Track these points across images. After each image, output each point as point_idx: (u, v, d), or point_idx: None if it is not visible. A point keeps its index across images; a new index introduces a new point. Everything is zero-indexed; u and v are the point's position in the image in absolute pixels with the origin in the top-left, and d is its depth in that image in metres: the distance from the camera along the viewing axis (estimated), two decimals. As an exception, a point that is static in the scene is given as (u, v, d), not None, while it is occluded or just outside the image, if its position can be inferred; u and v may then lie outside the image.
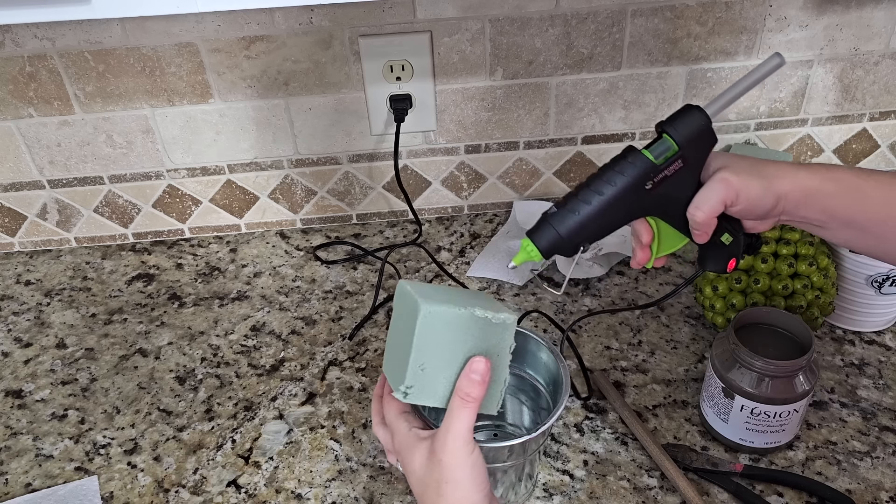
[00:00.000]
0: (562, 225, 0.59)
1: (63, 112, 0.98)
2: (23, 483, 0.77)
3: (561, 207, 0.59)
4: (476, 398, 0.53)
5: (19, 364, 0.92)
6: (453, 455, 0.52)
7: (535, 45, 0.97)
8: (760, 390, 0.70)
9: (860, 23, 0.98)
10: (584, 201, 0.58)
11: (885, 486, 0.72)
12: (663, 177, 0.58)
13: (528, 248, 0.60)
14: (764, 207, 0.59)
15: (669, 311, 0.93)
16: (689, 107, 0.59)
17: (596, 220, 0.59)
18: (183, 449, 0.80)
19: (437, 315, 0.53)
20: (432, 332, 0.53)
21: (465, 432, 0.53)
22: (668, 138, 0.58)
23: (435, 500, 0.53)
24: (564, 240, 0.59)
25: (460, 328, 0.54)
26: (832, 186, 0.59)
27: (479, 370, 0.54)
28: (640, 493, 0.72)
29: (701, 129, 0.58)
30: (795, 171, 0.59)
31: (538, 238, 0.60)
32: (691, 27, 0.97)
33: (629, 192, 0.58)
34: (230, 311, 0.98)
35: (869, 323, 0.88)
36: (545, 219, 0.60)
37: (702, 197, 0.59)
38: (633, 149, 0.59)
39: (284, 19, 0.93)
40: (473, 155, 1.07)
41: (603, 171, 0.59)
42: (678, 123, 0.58)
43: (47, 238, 1.10)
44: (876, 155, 1.11)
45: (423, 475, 0.54)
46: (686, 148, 0.58)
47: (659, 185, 0.58)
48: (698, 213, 0.59)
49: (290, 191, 1.08)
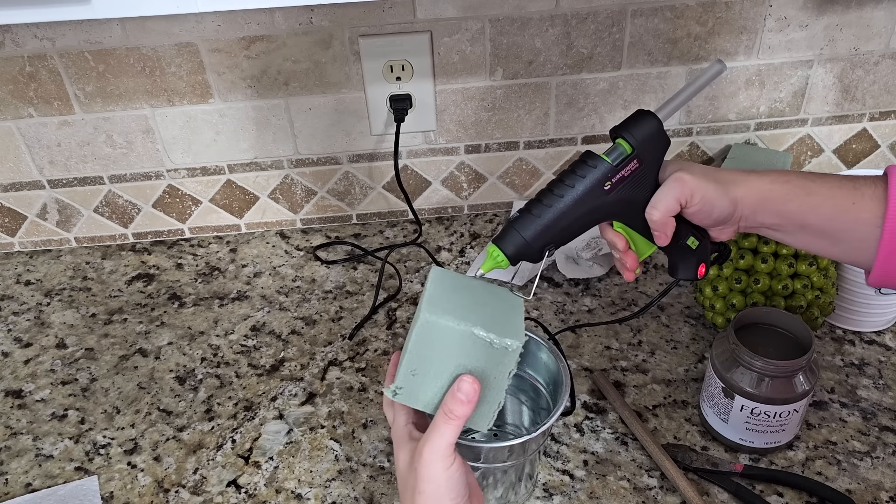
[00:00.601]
0: (526, 230, 0.60)
1: (63, 112, 0.98)
2: (23, 483, 0.77)
3: (524, 213, 0.61)
4: (459, 417, 0.52)
5: (19, 364, 0.92)
6: (427, 468, 0.52)
7: (535, 45, 0.97)
8: (760, 390, 0.70)
9: (860, 23, 0.98)
10: (547, 205, 0.60)
11: (885, 486, 0.72)
12: (620, 177, 0.60)
13: (495, 254, 0.61)
14: (721, 211, 0.60)
15: (669, 311, 0.93)
16: (641, 111, 0.61)
17: (559, 223, 0.60)
18: (183, 449, 0.80)
19: (435, 326, 0.52)
20: (428, 341, 0.53)
21: (444, 448, 0.52)
22: (622, 142, 0.61)
23: (411, 500, 0.53)
24: (530, 244, 0.60)
25: (456, 344, 0.53)
26: (783, 189, 0.60)
27: (465, 390, 0.52)
28: (640, 494, 0.72)
29: (653, 130, 0.60)
30: (747, 176, 0.61)
31: (504, 244, 0.61)
32: (691, 27, 0.97)
33: (589, 193, 0.60)
34: (230, 311, 0.98)
35: (869, 323, 0.88)
36: (510, 225, 0.61)
37: (657, 196, 0.61)
38: (591, 153, 0.61)
39: (284, 19, 0.93)
40: (473, 155, 1.07)
41: (563, 175, 0.61)
42: (631, 127, 0.60)
43: (47, 238, 1.10)
44: (876, 155, 1.11)
45: (404, 476, 0.54)
46: (640, 149, 0.60)
47: (617, 185, 0.60)
48: (654, 213, 0.60)
49: (290, 191, 1.08)
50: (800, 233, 0.61)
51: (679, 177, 0.60)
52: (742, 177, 0.61)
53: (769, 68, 1.01)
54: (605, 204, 0.61)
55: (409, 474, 0.53)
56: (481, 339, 0.53)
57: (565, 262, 0.98)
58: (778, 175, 0.61)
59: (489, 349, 0.53)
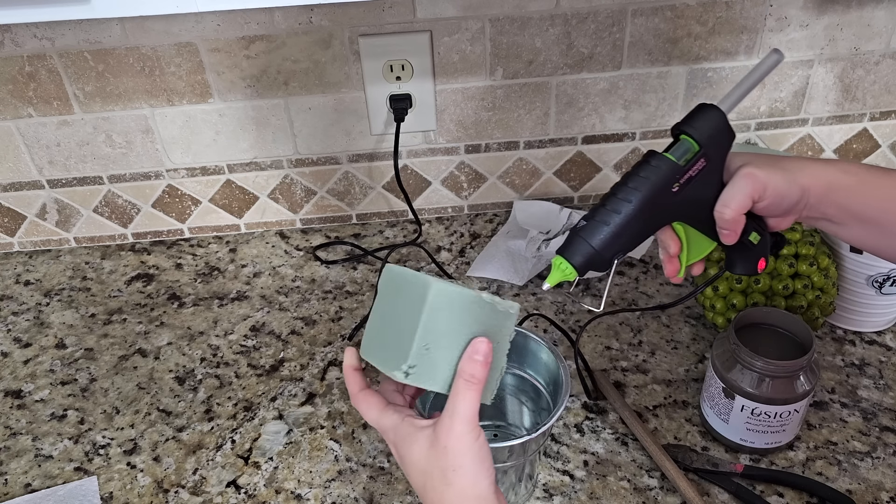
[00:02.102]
0: (594, 238, 0.57)
1: (62, 112, 0.98)
2: (22, 483, 0.77)
3: (590, 220, 0.57)
4: (480, 380, 0.52)
5: (19, 364, 0.92)
6: (460, 439, 0.51)
7: (535, 44, 0.97)
8: (761, 390, 0.70)
9: (861, 22, 0.97)
10: (614, 211, 0.57)
11: (885, 487, 0.72)
12: (688, 177, 0.57)
13: (562, 266, 0.58)
14: (790, 201, 0.58)
15: (670, 311, 0.93)
16: (703, 105, 0.58)
17: (628, 229, 0.57)
18: (182, 449, 0.80)
19: (447, 294, 0.52)
20: (439, 311, 0.52)
21: (472, 416, 0.51)
22: (687, 138, 0.58)
23: (441, 489, 0.51)
24: (599, 253, 0.57)
25: (467, 310, 0.53)
26: (850, 180, 0.58)
27: (481, 351, 0.52)
28: (641, 494, 0.72)
29: (718, 125, 0.58)
30: (814, 164, 0.59)
31: (571, 254, 0.57)
32: (692, 27, 0.97)
33: (656, 196, 0.57)
34: (230, 311, 0.98)
35: (869, 323, 0.88)
36: (575, 234, 0.58)
37: (728, 194, 0.58)
38: (655, 153, 0.58)
39: (284, 19, 0.92)
40: (473, 155, 1.07)
41: (627, 178, 0.58)
42: (695, 122, 0.58)
43: (47, 238, 1.10)
44: (876, 155, 1.11)
45: (425, 465, 0.52)
46: (707, 146, 0.57)
47: (684, 186, 0.57)
48: (727, 211, 0.58)
49: (290, 191, 1.08)
50: (858, 227, 0.59)
51: (749, 172, 0.57)
52: (808, 164, 0.59)
53: (769, 68, 1.01)
54: (673, 205, 0.58)
55: (436, 458, 0.52)
56: (488, 303, 0.54)
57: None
58: (844, 165, 0.59)
59: (494, 312, 0.54)
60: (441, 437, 0.52)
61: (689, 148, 0.57)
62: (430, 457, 0.52)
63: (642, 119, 1.04)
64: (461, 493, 0.51)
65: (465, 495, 0.51)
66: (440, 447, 0.51)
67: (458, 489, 0.51)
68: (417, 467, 0.53)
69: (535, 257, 0.99)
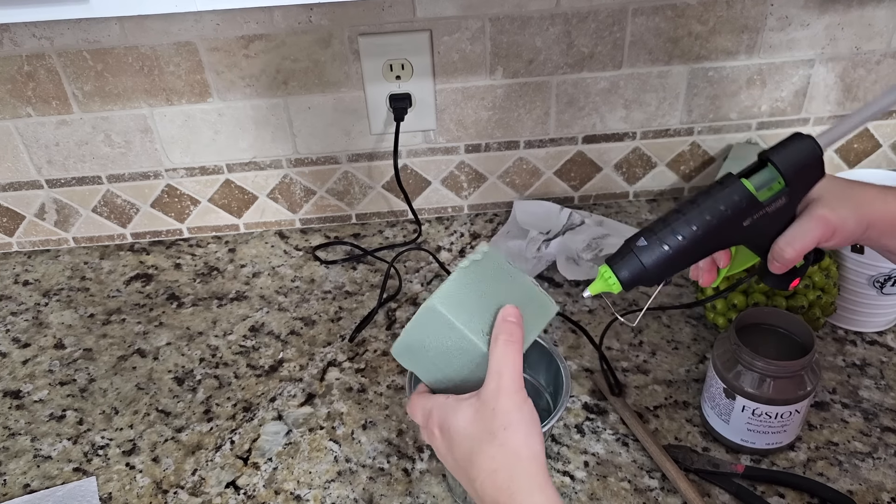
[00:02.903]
0: (649, 258, 0.54)
1: (61, 111, 0.98)
2: (21, 484, 0.77)
3: (650, 237, 0.54)
4: (518, 338, 0.52)
5: (17, 364, 0.91)
6: (509, 398, 0.51)
7: (535, 43, 0.96)
8: (762, 391, 0.70)
9: (862, 22, 0.97)
10: (677, 233, 0.54)
11: (886, 487, 0.72)
12: (764, 213, 0.54)
13: (608, 276, 0.56)
14: (853, 238, 0.56)
15: (670, 311, 0.93)
16: (800, 136, 0.53)
17: (686, 255, 0.54)
18: (181, 450, 0.80)
19: (525, 281, 0.59)
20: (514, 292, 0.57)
21: (517, 375, 0.51)
22: (773, 170, 0.53)
23: (492, 451, 0.50)
24: (649, 273, 0.55)
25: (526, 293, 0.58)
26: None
27: (512, 313, 0.53)
28: (641, 495, 0.72)
29: (811, 161, 0.53)
30: (885, 196, 0.56)
31: (620, 268, 0.55)
32: (692, 26, 0.96)
33: (725, 226, 0.54)
34: (229, 311, 0.97)
35: (871, 323, 0.88)
36: (630, 248, 0.55)
37: (796, 234, 0.55)
38: (734, 179, 0.54)
39: (283, 18, 0.92)
40: (473, 154, 1.06)
41: (700, 201, 0.54)
42: (787, 154, 0.53)
43: (45, 238, 1.09)
44: (877, 154, 1.10)
45: (471, 430, 0.51)
46: (793, 183, 0.53)
47: (757, 220, 0.54)
48: (788, 251, 0.55)
49: (289, 190, 1.08)
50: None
51: (822, 216, 0.54)
52: (880, 197, 0.56)
53: (770, 67, 1.01)
54: (737, 234, 0.55)
55: (483, 420, 0.51)
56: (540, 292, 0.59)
57: (566, 263, 0.98)
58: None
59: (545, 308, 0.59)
60: (488, 399, 0.51)
61: (774, 181, 0.54)
62: (477, 420, 0.51)
63: (643, 118, 1.04)
64: (514, 452, 0.50)
65: (518, 455, 0.50)
66: (488, 410, 0.51)
67: (510, 448, 0.50)
68: (463, 434, 0.52)
69: (535, 257, 0.98)
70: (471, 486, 0.52)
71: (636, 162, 1.08)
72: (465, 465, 0.52)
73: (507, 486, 0.49)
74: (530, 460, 0.50)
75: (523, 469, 0.50)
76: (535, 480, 0.50)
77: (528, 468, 0.50)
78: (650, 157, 1.08)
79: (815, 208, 0.55)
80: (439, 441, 0.55)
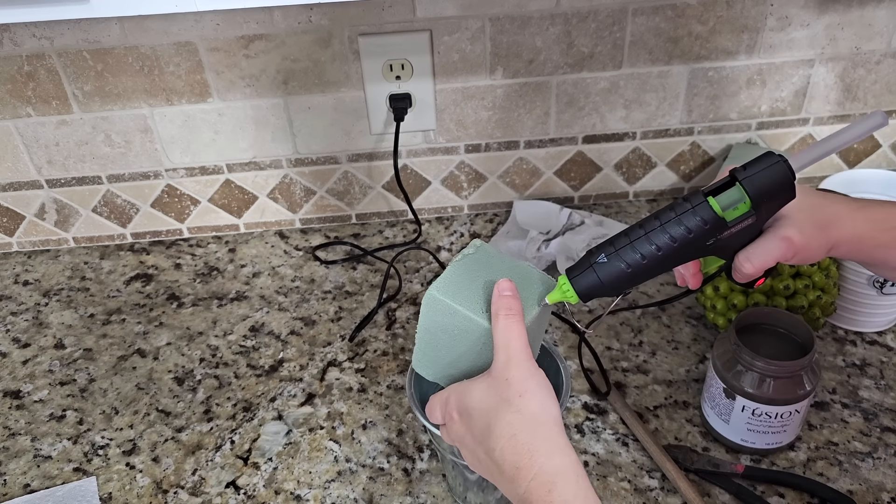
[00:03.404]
0: (607, 274, 0.55)
1: (61, 111, 0.98)
2: (21, 484, 0.77)
3: (611, 254, 0.54)
4: (518, 310, 0.53)
5: (17, 364, 0.91)
6: (520, 367, 0.51)
7: (535, 43, 0.96)
8: (762, 391, 0.70)
9: (862, 22, 0.97)
10: (637, 252, 0.54)
11: (886, 487, 0.72)
12: (729, 234, 0.53)
13: (566, 287, 0.56)
14: (816, 257, 0.56)
15: (671, 311, 0.93)
16: (771, 156, 0.51)
17: (646, 273, 0.54)
18: (182, 450, 0.80)
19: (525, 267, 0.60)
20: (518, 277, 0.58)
21: (525, 345, 0.52)
22: (741, 191, 0.52)
23: (511, 419, 0.50)
24: (606, 287, 0.55)
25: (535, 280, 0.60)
26: (886, 237, 0.56)
27: (505, 286, 0.54)
28: (641, 495, 0.72)
29: (782, 183, 0.51)
30: (853, 214, 0.56)
31: (578, 281, 0.56)
32: (692, 26, 0.96)
33: (688, 246, 0.53)
34: (229, 311, 0.97)
35: (870, 323, 0.88)
36: (590, 263, 0.55)
37: (758, 251, 0.55)
38: (701, 198, 0.53)
39: (283, 18, 0.92)
40: (473, 154, 1.06)
41: (663, 219, 0.53)
42: (756, 175, 0.51)
43: (45, 238, 1.09)
44: (877, 154, 1.10)
45: (488, 403, 0.52)
46: (760, 205, 0.52)
47: (722, 239, 0.54)
48: (748, 266, 0.55)
49: (289, 190, 1.08)
50: (889, 271, 0.58)
51: (787, 237, 0.54)
52: (849, 217, 0.56)
53: (770, 67, 1.01)
54: (700, 252, 0.54)
55: (497, 393, 0.51)
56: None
57: (566, 264, 0.98)
58: (886, 220, 0.56)
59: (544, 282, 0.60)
60: (500, 371, 0.52)
61: (741, 202, 0.52)
62: (493, 393, 0.52)
63: (643, 118, 1.04)
64: (532, 416, 0.50)
65: (536, 419, 0.50)
66: (502, 381, 0.51)
67: (528, 413, 0.50)
68: (480, 409, 0.52)
69: (534, 258, 0.98)
70: (489, 459, 0.52)
71: (636, 162, 1.08)
72: (483, 439, 0.52)
73: (527, 449, 0.49)
74: (549, 424, 0.50)
75: (542, 433, 0.50)
76: (555, 442, 0.50)
77: (548, 432, 0.50)
78: (650, 157, 1.08)
79: (782, 228, 0.54)
80: (458, 424, 0.55)
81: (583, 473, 0.49)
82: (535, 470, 0.48)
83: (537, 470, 0.48)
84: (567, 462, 0.49)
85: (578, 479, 0.48)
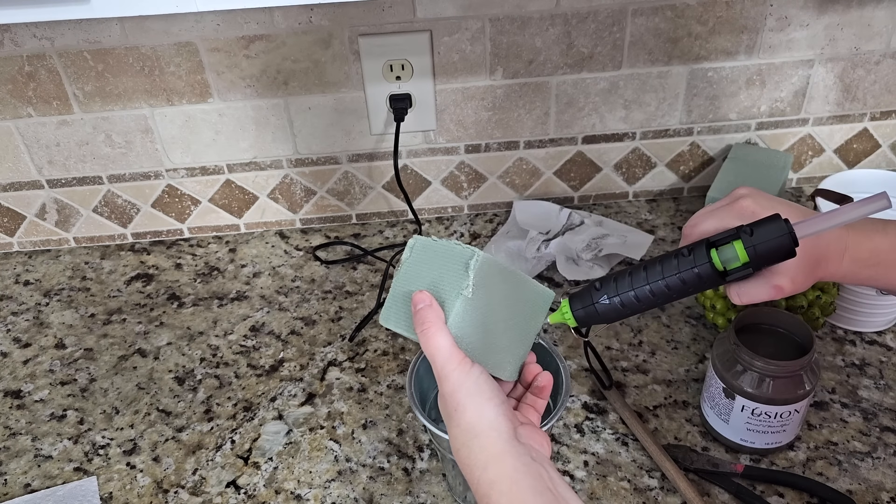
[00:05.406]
0: (606, 311, 0.59)
1: (62, 112, 0.98)
2: (22, 483, 0.77)
3: (612, 296, 0.58)
4: (431, 320, 0.53)
5: (18, 364, 0.91)
6: (448, 380, 0.52)
7: (535, 44, 0.97)
8: (761, 391, 0.70)
9: (861, 22, 0.97)
10: (636, 298, 0.57)
11: (886, 487, 0.72)
12: (724, 281, 0.56)
13: (566, 312, 0.60)
14: (803, 290, 0.58)
15: (670, 311, 0.93)
16: (778, 223, 0.53)
17: (641, 311, 0.59)
18: (182, 449, 0.80)
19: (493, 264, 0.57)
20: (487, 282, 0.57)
21: (448, 355, 0.52)
22: (744, 252, 0.54)
23: (455, 433, 0.53)
24: (603, 319, 0.59)
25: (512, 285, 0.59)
26: (871, 272, 0.59)
27: (418, 299, 0.54)
28: (641, 494, 0.72)
29: (781, 248, 0.53)
30: (843, 252, 0.58)
31: (578, 310, 0.60)
32: (692, 26, 0.97)
33: (685, 294, 0.57)
34: (229, 311, 0.97)
35: (870, 323, 0.88)
36: (591, 300, 0.59)
37: (749, 290, 0.57)
38: (703, 253, 0.55)
39: (284, 18, 0.92)
40: (473, 154, 1.07)
41: (666, 270, 0.56)
42: (761, 245, 0.53)
43: (46, 238, 1.10)
44: (877, 155, 1.10)
45: (445, 420, 0.54)
46: (758, 264, 0.54)
47: (717, 283, 0.56)
48: (737, 299, 0.57)
49: (290, 190, 1.08)
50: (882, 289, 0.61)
51: (779, 287, 0.55)
52: (835, 258, 0.58)
53: (770, 68, 1.01)
54: (694, 293, 0.58)
55: (444, 409, 0.54)
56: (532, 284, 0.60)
57: (566, 264, 0.98)
58: (869, 257, 0.58)
59: (535, 298, 0.60)
60: (440, 387, 0.53)
61: (739, 258, 0.54)
62: (442, 409, 0.54)
63: (642, 119, 1.04)
64: (469, 429, 0.52)
65: (473, 431, 0.51)
66: (442, 397, 0.54)
67: (465, 427, 0.52)
68: (448, 429, 0.54)
69: (535, 258, 0.99)
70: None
71: (636, 162, 1.08)
72: (455, 454, 0.55)
73: (467, 463, 0.52)
74: (484, 433, 0.51)
75: (477, 444, 0.51)
76: (489, 452, 0.51)
77: (482, 442, 0.51)
78: (650, 158, 1.08)
79: (774, 276, 0.56)
80: None
81: (518, 479, 0.49)
82: (475, 483, 0.51)
83: (476, 483, 0.51)
84: (500, 471, 0.50)
85: (512, 486, 0.49)
